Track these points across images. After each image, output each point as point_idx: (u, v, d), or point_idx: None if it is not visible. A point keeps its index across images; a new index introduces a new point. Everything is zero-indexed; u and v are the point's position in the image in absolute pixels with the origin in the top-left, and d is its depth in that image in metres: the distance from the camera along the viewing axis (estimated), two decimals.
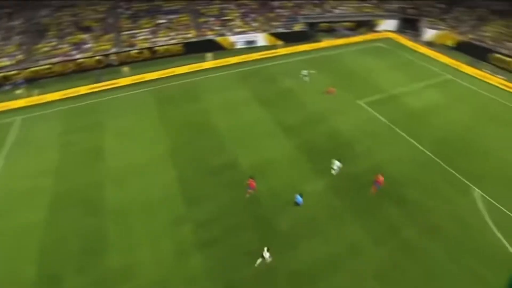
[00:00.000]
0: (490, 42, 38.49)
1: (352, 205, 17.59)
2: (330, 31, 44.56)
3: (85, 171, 20.01)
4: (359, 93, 28.55)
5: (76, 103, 27.75)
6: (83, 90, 29.59)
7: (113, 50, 34.65)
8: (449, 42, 41.08)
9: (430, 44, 41.04)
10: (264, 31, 40.45)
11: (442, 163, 20.78)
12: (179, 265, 14.54)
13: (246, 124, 24.11)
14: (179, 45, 36.58)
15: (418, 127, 24.24)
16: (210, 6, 42.20)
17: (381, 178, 17.92)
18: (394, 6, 47.88)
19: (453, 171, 20.09)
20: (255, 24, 41.26)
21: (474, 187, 19.08)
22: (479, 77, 33.82)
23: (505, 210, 17.51)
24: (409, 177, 19.62)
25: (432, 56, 38.29)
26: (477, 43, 38.93)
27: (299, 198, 16.98)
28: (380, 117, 25.26)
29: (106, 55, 33.94)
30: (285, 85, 29.98)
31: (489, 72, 33.92)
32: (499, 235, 16.22)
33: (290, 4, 45.46)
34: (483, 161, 21.15)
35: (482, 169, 20.37)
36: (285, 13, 43.85)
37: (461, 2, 45.64)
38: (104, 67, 33.54)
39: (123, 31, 37.19)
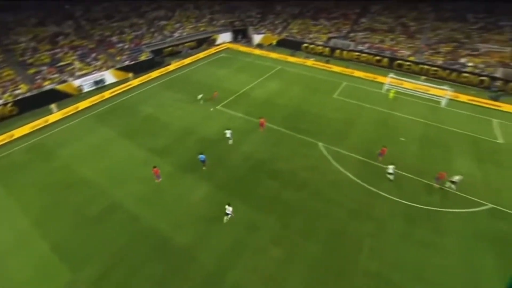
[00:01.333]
0: (298, 36, 49.17)
1: (235, 192, 19.58)
2: (176, 54, 46.89)
3: None
4: (216, 99, 31.45)
5: None
6: None
7: None
8: (273, 41, 50.03)
9: (260, 46, 48.97)
10: (110, 67, 38.75)
11: (293, 133, 25.57)
12: None
13: (117, 162, 22.87)
14: (9, 104, 30.83)
15: (269, 111, 28.86)
16: (38, 55, 37.23)
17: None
18: (222, 21, 54.57)
19: (303, 136, 25.16)
20: (97, 63, 38.97)
21: (317, 142, 24.47)
22: (299, 62, 42.79)
23: (339, 150, 23.34)
24: (274, 153, 23.31)
25: (264, 55, 45.84)
26: (290, 38, 49.05)
27: (202, 157, 21.10)
28: (238, 113, 28.73)
29: None
30: (146, 112, 29.90)
31: (304, 57, 43.36)
32: (341, 168, 21.53)
33: (129, 36, 45.08)
34: (317, 122, 27.35)
35: (319, 128, 26.39)
36: (127, 46, 43.25)
37: (271, 11, 56.35)
38: None
39: None
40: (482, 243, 16.69)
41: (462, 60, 39.12)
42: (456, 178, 19.76)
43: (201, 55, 46.60)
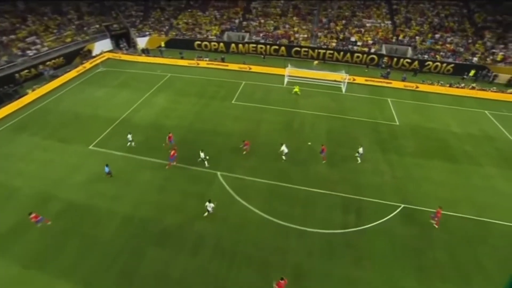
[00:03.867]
0: (189, 33, 42.91)
1: (109, 283, 13.86)
2: (36, 77, 35.94)
3: None
4: (89, 135, 23.97)
5: None
6: None
7: None
8: (161, 43, 42.74)
9: (146, 51, 41.18)
10: None
11: (185, 166, 20.48)
12: None
13: None
14: None
15: (155, 140, 22.94)
16: None
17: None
18: (97, 26, 44.36)
19: (197, 167, 20.35)
20: None
21: (216, 171, 19.99)
22: (192, 65, 37.08)
23: (243, 177, 19.40)
24: (161, 204, 17.94)
25: (151, 61, 38.58)
26: (180, 37, 42.51)
27: (106, 169, 18.71)
28: (116, 152, 22.06)
29: None
30: None
31: (196, 58, 37.72)
32: (246, 204, 17.60)
33: None
34: (214, 142, 22.77)
35: (217, 150, 21.87)
36: None
37: (153, 6, 48.10)
38: None
39: None
40: (403, 260, 14.84)
41: (353, 39, 38.82)
42: (360, 149, 20.45)
43: (73, 73, 36.65)
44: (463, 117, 27.51)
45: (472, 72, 34.41)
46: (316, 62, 36.40)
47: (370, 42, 38.31)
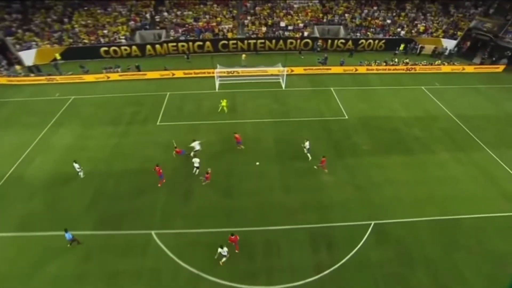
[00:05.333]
0: (91, 38, 35.07)
1: None
2: None
3: None
4: None
5: None
6: None
7: None
8: (56, 55, 34.21)
9: (36, 69, 32.30)
10: None
11: (110, 232, 15.68)
12: None
13: None
14: None
15: (60, 203, 17.36)
16: None
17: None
18: None
19: (125, 231, 15.71)
20: None
21: (149, 230, 15.65)
22: (100, 79, 30.37)
23: (181, 231, 15.38)
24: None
25: (45, 82, 30.49)
26: (80, 44, 34.49)
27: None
28: (3, 233, 15.92)
29: None
30: None
31: (104, 69, 30.96)
32: (188, 267, 13.79)
33: None
34: (141, 188, 18.08)
35: (147, 199, 17.37)
36: None
37: (34, 7, 37.89)
38: None
39: None
40: None
41: (282, 23, 35.94)
42: (307, 143, 19.44)
43: None
44: (404, 97, 27.30)
45: (401, 46, 34.70)
46: (244, 55, 32.67)
47: (301, 25, 35.94)
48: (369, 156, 20.37)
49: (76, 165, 18.41)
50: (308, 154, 19.64)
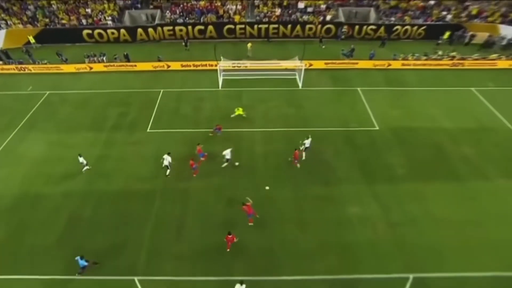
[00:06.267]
0: (72, 19, 33.28)
1: None
2: None
3: None
4: None
5: None
6: None
7: None
8: (30, 38, 32.67)
9: (5, 55, 30.75)
10: None
11: (90, 277, 14.38)
12: None
13: None
14: None
15: (31, 234, 16.15)
16: None
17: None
18: None
19: (110, 276, 14.31)
20: None
21: (133, 276, 14.27)
22: (82, 70, 28.79)
23: (160, 278, 13.90)
24: None
25: (15, 72, 29.14)
26: (58, 26, 32.77)
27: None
28: None
29: None
30: None
31: (86, 58, 29.32)
32: None
33: None
34: (125, 219, 16.63)
35: (140, 232, 15.90)
36: None
37: None
38: None
39: None
40: None
41: (301, 4, 33.51)
42: (307, 141, 19.04)
43: None
44: (449, 102, 25.00)
45: (446, 34, 31.98)
46: (249, 44, 30.43)
47: (323, 6, 33.44)
48: (405, 182, 18.49)
49: (81, 159, 18.47)
50: (304, 154, 19.21)
